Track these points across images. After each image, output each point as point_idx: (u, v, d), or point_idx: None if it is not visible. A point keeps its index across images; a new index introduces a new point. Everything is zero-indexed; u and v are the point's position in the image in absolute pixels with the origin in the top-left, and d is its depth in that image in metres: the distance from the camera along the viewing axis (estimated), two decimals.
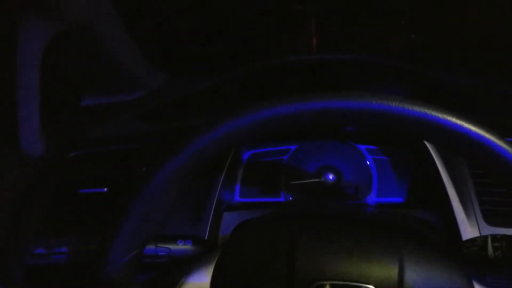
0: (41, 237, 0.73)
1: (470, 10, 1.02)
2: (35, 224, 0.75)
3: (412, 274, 0.50)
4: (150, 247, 0.65)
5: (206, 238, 0.74)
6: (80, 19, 0.78)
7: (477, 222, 0.71)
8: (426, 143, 0.80)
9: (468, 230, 0.70)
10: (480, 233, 0.70)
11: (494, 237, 0.56)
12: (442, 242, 0.64)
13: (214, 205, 0.77)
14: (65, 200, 0.79)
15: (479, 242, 0.57)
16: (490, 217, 0.72)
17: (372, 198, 0.87)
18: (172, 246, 0.66)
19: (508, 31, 0.98)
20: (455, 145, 0.45)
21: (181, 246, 0.67)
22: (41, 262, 0.71)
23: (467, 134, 0.44)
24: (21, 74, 0.75)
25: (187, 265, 0.60)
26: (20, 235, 0.74)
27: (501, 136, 0.44)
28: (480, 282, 0.52)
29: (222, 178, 0.80)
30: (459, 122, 0.44)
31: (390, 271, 0.50)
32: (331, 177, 0.86)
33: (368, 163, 0.88)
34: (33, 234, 0.74)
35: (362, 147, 0.89)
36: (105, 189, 0.79)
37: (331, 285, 0.50)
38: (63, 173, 0.82)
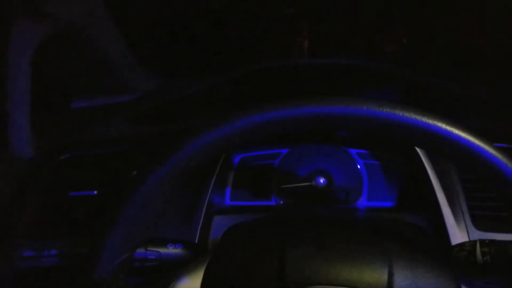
0: (31, 240, 0.73)
1: (461, 15, 1.02)
2: (25, 226, 0.75)
3: (401, 278, 0.50)
4: (140, 250, 0.65)
5: (196, 241, 0.74)
6: (72, 20, 0.78)
7: (466, 227, 0.72)
8: (416, 148, 0.80)
9: (457, 234, 0.71)
10: (469, 238, 0.71)
11: (483, 242, 0.56)
12: (431, 247, 0.64)
13: (204, 209, 0.77)
14: (55, 203, 0.79)
15: (468, 247, 0.57)
16: (479, 222, 0.73)
17: (362, 202, 0.87)
18: (162, 250, 0.66)
19: (499, 37, 0.99)
20: (445, 150, 0.45)
21: (171, 250, 0.67)
22: (30, 265, 0.70)
23: (457, 140, 0.44)
24: (11, 76, 0.75)
25: (177, 269, 0.60)
26: (9, 238, 0.73)
27: (490, 142, 0.44)
28: (469, 286, 0.53)
29: (212, 182, 0.80)
30: (449, 128, 0.44)
31: (379, 275, 0.50)
32: (322, 181, 0.87)
33: (359, 167, 0.89)
34: (22, 237, 0.73)
35: (353, 151, 0.90)
36: (95, 192, 0.79)
37: None
38: (53, 176, 0.82)
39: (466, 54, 1.04)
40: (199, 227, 0.75)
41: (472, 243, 0.57)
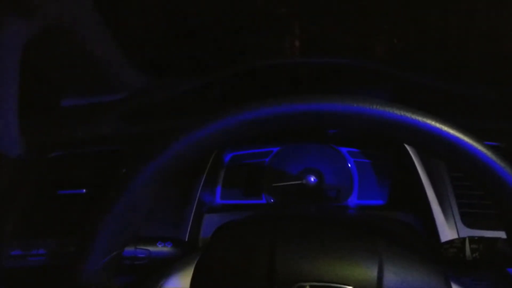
0: (18, 238, 0.72)
1: (452, 15, 1.03)
2: (13, 225, 0.74)
3: (391, 275, 0.51)
4: (130, 249, 0.64)
5: (186, 240, 0.74)
6: (61, 18, 0.77)
7: (456, 224, 0.72)
8: (406, 146, 0.81)
9: (447, 232, 0.71)
10: (458, 235, 0.71)
11: (472, 239, 0.56)
12: (421, 244, 0.65)
13: (195, 207, 0.77)
14: (44, 201, 0.78)
15: (457, 244, 0.57)
16: (469, 219, 0.73)
17: (353, 200, 0.87)
18: (151, 248, 0.66)
19: (490, 37, 0.99)
20: (435, 148, 0.46)
21: (161, 248, 0.66)
22: (18, 264, 0.70)
23: (446, 137, 0.44)
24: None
25: (166, 268, 0.59)
26: None
27: (480, 140, 0.45)
28: (458, 283, 0.53)
29: (203, 180, 0.80)
30: (438, 125, 0.44)
31: (369, 272, 0.50)
32: (312, 179, 0.87)
33: (349, 165, 0.89)
34: (10, 235, 0.73)
35: (344, 150, 0.90)
36: (84, 191, 0.78)
37: (311, 286, 0.50)
38: (42, 174, 0.81)
39: (456, 53, 1.05)
40: (189, 225, 0.75)
41: (461, 240, 0.57)
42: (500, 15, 0.95)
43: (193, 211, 0.76)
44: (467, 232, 0.72)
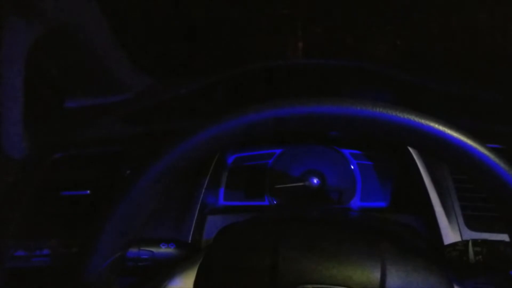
0: (22, 239, 0.72)
1: (455, 17, 1.03)
2: (16, 226, 0.74)
3: (394, 278, 0.51)
4: (133, 250, 0.65)
5: (189, 241, 0.74)
6: (65, 20, 0.77)
7: (459, 227, 0.72)
8: (409, 148, 0.81)
9: (450, 234, 0.71)
10: (461, 238, 0.71)
11: (475, 242, 0.56)
12: (424, 247, 0.65)
13: (198, 209, 0.77)
14: (47, 202, 0.78)
15: (460, 247, 0.57)
16: (472, 222, 0.73)
17: (356, 202, 0.87)
18: (155, 249, 0.66)
19: (494, 39, 0.99)
20: (438, 151, 0.46)
21: (164, 250, 0.67)
22: (21, 265, 0.70)
23: (448, 139, 0.44)
24: (4, 75, 0.74)
25: (170, 269, 0.60)
26: (1, 237, 0.73)
27: (483, 142, 0.45)
28: (461, 286, 0.53)
29: (206, 181, 0.80)
30: (441, 128, 0.44)
31: (372, 275, 0.51)
32: (315, 181, 0.87)
33: (352, 167, 0.89)
34: (13, 236, 0.73)
35: (347, 152, 0.90)
36: (88, 192, 0.78)
37: None
38: (46, 175, 0.81)
39: (460, 55, 1.04)
40: (193, 226, 0.75)
41: (464, 243, 0.57)
42: (505, 16, 0.95)
43: (196, 212, 0.76)
44: (470, 235, 0.71)
